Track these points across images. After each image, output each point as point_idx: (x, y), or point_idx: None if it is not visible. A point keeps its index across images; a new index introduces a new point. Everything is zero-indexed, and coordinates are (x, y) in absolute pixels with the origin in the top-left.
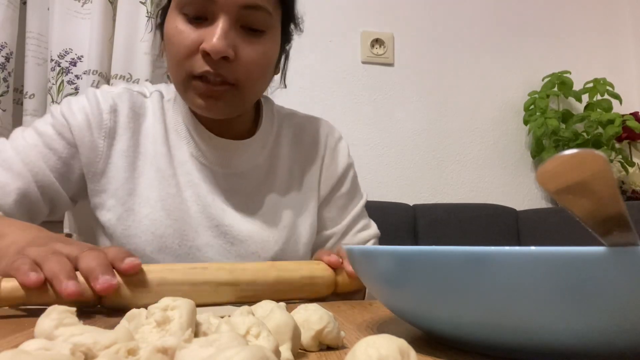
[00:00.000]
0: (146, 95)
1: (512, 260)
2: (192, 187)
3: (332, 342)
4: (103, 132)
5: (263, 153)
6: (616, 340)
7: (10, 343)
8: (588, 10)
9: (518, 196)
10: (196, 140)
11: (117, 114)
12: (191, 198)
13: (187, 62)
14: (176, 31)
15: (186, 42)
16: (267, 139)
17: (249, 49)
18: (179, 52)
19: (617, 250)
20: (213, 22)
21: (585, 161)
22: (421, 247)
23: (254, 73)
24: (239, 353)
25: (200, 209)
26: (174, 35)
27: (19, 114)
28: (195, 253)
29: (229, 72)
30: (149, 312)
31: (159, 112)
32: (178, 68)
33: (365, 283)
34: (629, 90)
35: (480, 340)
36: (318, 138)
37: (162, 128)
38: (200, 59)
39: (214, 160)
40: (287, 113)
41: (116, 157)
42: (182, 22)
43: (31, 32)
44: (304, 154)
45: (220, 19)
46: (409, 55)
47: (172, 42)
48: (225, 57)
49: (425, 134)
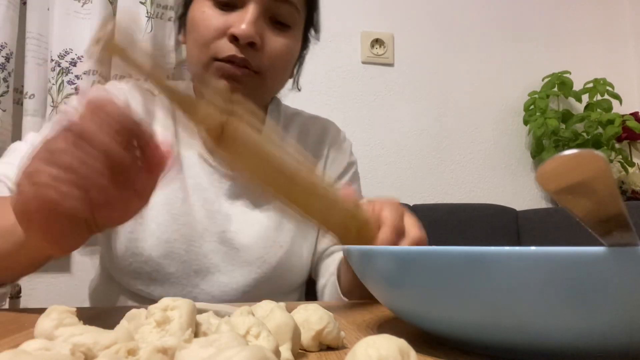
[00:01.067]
0: (154, 93)
1: (512, 260)
2: (199, 191)
3: (332, 342)
4: None
5: None
6: (616, 340)
7: (10, 343)
8: (588, 11)
9: (518, 196)
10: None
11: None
12: (198, 202)
13: (212, 45)
14: (204, 15)
15: (214, 25)
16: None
17: (275, 40)
18: (204, 35)
19: (617, 250)
20: (242, 9)
21: (585, 161)
22: (421, 247)
23: (277, 64)
24: (239, 353)
25: (206, 214)
26: (201, 20)
27: (19, 114)
28: (202, 259)
29: (254, 58)
30: (148, 312)
31: (167, 111)
32: (202, 50)
33: (365, 283)
34: (629, 90)
35: (480, 340)
36: (323, 138)
37: (172, 127)
38: (227, 43)
39: (220, 162)
40: (293, 112)
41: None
42: (211, 7)
43: (31, 32)
44: (309, 153)
45: (251, 6)
46: (409, 55)
47: (197, 26)
48: (253, 43)
49: (425, 134)
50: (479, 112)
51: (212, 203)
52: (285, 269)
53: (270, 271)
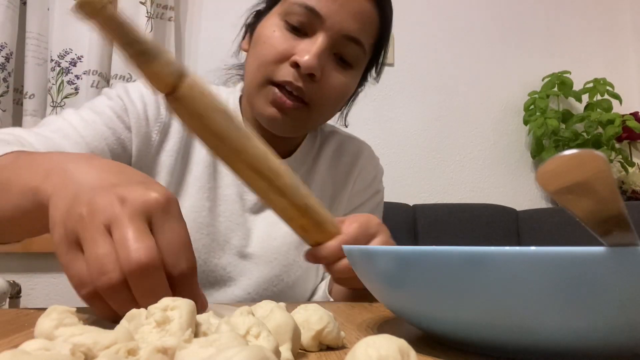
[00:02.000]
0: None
1: (512, 260)
2: (227, 202)
3: (332, 342)
4: (158, 126)
5: (300, 170)
6: (616, 340)
7: (10, 343)
8: (588, 10)
9: (518, 196)
10: None
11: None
12: (224, 214)
13: (272, 66)
14: (272, 35)
15: (279, 47)
16: (307, 157)
17: (335, 77)
18: (267, 55)
19: (617, 250)
20: (311, 38)
21: (585, 161)
22: (421, 247)
23: (330, 100)
24: (239, 353)
25: (230, 226)
26: (268, 38)
27: (19, 114)
28: (220, 272)
29: (310, 90)
30: (148, 312)
31: None
32: (260, 69)
33: (365, 283)
34: (629, 90)
35: (480, 340)
36: (356, 160)
37: None
38: (287, 68)
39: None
40: (330, 130)
41: (165, 155)
42: (281, 28)
43: (31, 32)
44: (340, 173)
45: (320, 38)
46: (409, 55)
47: (263, 44)
48: (312, 74)
49: (425, 134)
50: (479, 112)
51: (237, 216)
52: (301, 289)
53: (286, 289)
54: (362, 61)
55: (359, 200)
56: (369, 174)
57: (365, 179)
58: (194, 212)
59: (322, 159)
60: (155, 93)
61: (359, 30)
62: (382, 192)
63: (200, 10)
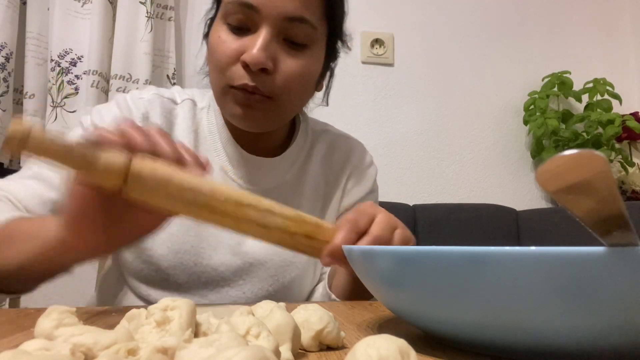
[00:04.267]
0: (177, 102)
1: (512, 260)
2: None
3: (332, 342)
4: None
5: (292, 170)
6: (616, 340)
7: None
8: (588, 10)
9: (518, 196)
10: (227, 153)
11: (149, 122)
12: None
13: (227, 71)
14: (219, 41)
15: (227, 51)
16: (298, 156)
17: (289, 62)
18: (220, 62)
19: (617, 250)
20: (255, 33)
21: (585, 162)
22: (421, 247)
23: (291, 87)
24: (239, 353)
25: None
26: (216, 45)
27: (19, 114)
28: (211, 272)
29: (266, 84)
30: (148, 313)
31: (190, 121)
32: (218, 77)
33: (365, 283)
34: (629, 90)
35: (480, 340)
36: (349, 158)
37: (193, 138)
38: (240, 70)
39: (241, 176)
40: (321, 129)
41: None
42: (225, 32)
43: (31, 32)
44: (332, 172)
45: (263, 29)
46: (409, 55)
47: (214, 51)
48: (264, 69)
49: (425, 134)
50: (479, 112)
51: None
52: (297, 289)
53: (282, 290)
54: (315, 37)
55: (352, 199)
56: (361, 173)
57: (357, 178)
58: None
59: (313, 158)
60: (111, 190)
61: (299, 8)
62: (376, 191)
63: (201, 11)
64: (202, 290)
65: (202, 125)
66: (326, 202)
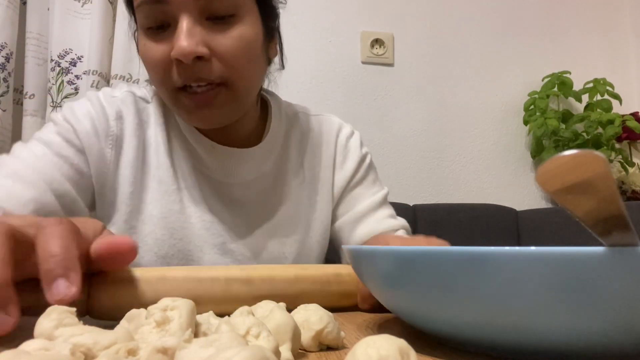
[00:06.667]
0: (148, 101)
1: (512, 260)
2: (196, 202)
3: (332, 342)
4: (110, 140)
5: (270, 158)
6: (616, 340)
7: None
8: (588, 10)
9: (518, 196)
10: (198, 150)
11: (123, 121)
12: (195, 214)
13: (166, 77)
14: (145, 49)
15: (156, 55)
16: (275, 144)
17: (222, 39)
18: (154, 70)
19: (617, 250)
20: (175, 26)
21: (585, 162)
22: (421, 247)
23: (238, 61)
24: (239, 353)
25: (205, 225)
26: (145, 53)
27: (19, 114)
28: None
29: (210, 71)
30: (148, 313)
31: (161, 120)
32: (160, 86)
33: (365, 283)
34: (629, 90)
35: (480, 340)
36: (329, 137)
37: (165, 137)
38: (177, 70)
39: (218, 171)
40: (295, 112)
41: (123, 167)
42: (148, 39)
43: (31, 32)
44: (314, 155)
45: (181, 19)
46: (409, 55)
47: (146, 62)
48: (199, 56)
49: (425, 134)
50: (479, 112)
51: (210, 214)
52: None
53: None
54: (239, 2)
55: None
56: (347, 145)
57: (345, 152)
58: (163, 218)
59: (291, 144)
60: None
61: None
62: (367, 155)
63: None
64: None
65: (172, 123)
66: (314, 188)
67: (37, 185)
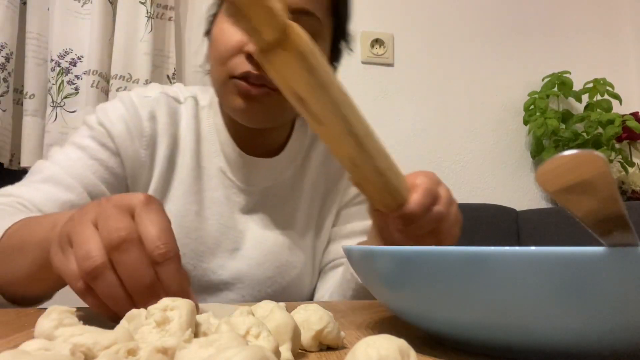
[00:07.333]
0: (180, 101)
1: (512, 260)
2: (214, 205)
3: (332, 342)
4: (144, 141)
5: (289, 169)
6: (616, 340)
7: (10, 343)
8: (588, 10)
9: (518, 196)
10: (226, 154)
11: (156, 121)
12: (212, 217)
13: (230, 62)
14: (222, 32)
15: (231, 42)
16: (297, 156)
17: None
18: (222, 52)
19: (617, 250)
20: None
21: (585, 162)
22: (421, 247)
23: None
24: (239, 353)
25: (220, 228)
26: (219, 36)
27: (19, 114)
28: (210, 275)
29: None
30: (148, 313)
31: (192, 121)
32: (220, 68)
33: (365, 283)
34: (629, 90)
35: (480, 340)
36: None
37: (195, 138)
38: (243, 60)
39: (240, 178)
40: None
41: (156, 166)
42: (229, 24)
43: (31, 32)
44: (333, 173)
45: None
46: (409, 55)
47: (217, 43)
48: None
49: (425, 134)
50: (479, 112)
51: (226, 218)
52: (296, 290)
53: (280, 291)
54: (320, 33)
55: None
56: None
57: None
58: (179, 217)
59: (313, 156)
60: (255, 45)
61: (305, 1)
62: None
63: (201, 10)
64: (201, 294)
65: (203, 125)
66: (326, 200)
67: (73, 188)
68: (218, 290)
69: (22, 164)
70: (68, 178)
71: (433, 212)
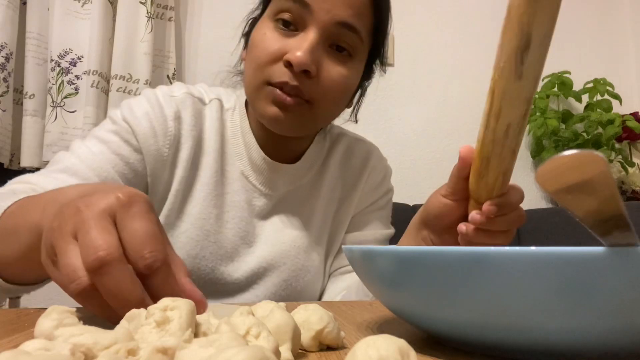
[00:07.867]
0: (205, 102)
1: (512, 260)
2: (234, 209)
3: (332, 342)
4: (168, 140)
5: (309, 173)
6: (616, 340)
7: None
8: (588, 11)
9: None
10: (250, 158)
11: (181, 122)
12: (232, 221)
13: (267, 68)
14: (264, 37)
15: (271, 48)
16: (316, 160)
17: (332, 69)
18: (261, 57)
19: (617, 250)
20: (303, 34)
21: (585, 162)
22: (421, 247)
23: (331, 94)
24: (239, 353)
25: (239, 232)
26: (260, 41)
27: (19, 114)
28: (227, 278)
29: (306, 87)
30: (148, 313)
31: (217, 123)
32: (256, 73)
33: (365, 283)
34: (629, 90)
35: (480, 340)
36: (366, 162)
37: (219, 141)
38: (281, 68)
39: (262, 182)
40: (338, 132)
41: (179, 167)
42: (272, 30)
43: (31, 32)
44: (350, 176)
45: (311, 31)
46: (409, 55)
47: (256, 47)
48: (307, 71)
49: (425, 134)
50: (479, 112)
51: (245, 222)
52: (310, 293)
53: (295, 294)
54: (360, 50)
55: (369, 199)
56: (379, 175)
57: (375, 180)
58: (201, 220)
59: (331, 162)
60: None
61: (351, 16)
62: (392, 191)
63: (201, 11)
64: (218, 297)
65: (227, 127)
66: (341, 206)
67: (90, 180)
68: (234, 293)
69: (22, 164)
70: (86, 170)
71: (520, 211)
